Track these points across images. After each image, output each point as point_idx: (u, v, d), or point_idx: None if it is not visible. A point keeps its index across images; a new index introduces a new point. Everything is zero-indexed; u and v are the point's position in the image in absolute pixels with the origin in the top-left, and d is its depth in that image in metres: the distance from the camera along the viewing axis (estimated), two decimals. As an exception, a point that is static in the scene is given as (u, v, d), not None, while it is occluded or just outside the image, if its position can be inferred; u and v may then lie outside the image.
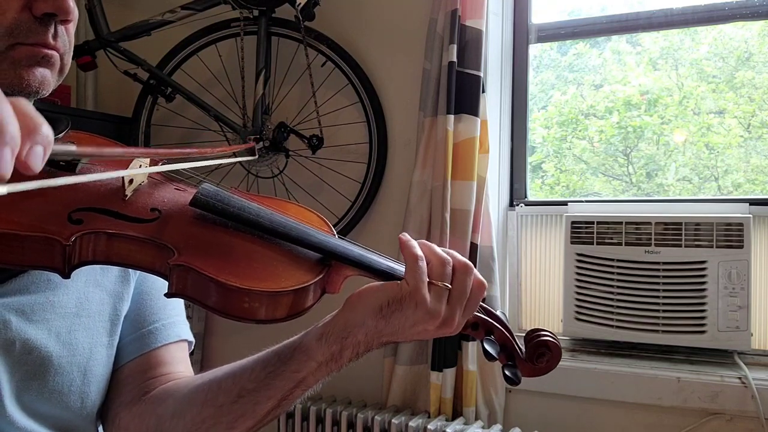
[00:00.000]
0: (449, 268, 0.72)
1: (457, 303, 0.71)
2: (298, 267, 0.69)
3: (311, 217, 0.78)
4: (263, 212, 0.72)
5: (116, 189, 0.71)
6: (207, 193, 0.72)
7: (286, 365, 0.73)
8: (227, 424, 0.76)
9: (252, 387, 0.75)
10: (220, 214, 0.71)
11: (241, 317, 0.65)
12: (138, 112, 2.28)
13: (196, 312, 2.37)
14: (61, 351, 0.76)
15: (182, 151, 0.71)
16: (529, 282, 2.12)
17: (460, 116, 1.91)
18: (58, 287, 0.77)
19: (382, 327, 0.70)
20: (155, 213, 0.70)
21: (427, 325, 0.70)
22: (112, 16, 2.25)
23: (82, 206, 0.67)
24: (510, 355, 0.78)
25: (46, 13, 0.70)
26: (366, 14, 2.20)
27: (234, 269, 0.66)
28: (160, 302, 0.89)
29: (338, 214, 2.13)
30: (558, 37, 2.20)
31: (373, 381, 2.03)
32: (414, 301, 0.69)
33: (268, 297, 0.65)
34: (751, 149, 2.03)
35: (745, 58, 2.06)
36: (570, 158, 2.26)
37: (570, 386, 1.86)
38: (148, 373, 0.85)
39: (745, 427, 1.70)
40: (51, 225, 0.63)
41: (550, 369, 0.77)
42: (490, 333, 0.77)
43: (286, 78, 2.23)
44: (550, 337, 0.77)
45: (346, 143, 2.18)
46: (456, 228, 1.88)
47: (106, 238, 0.66)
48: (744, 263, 1.75)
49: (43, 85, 0.73)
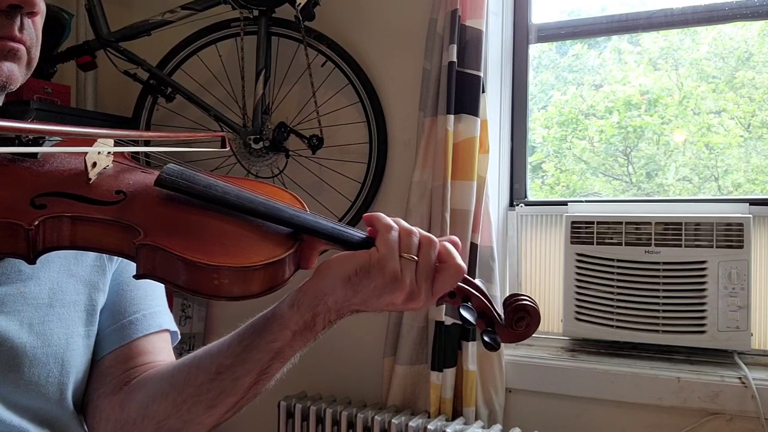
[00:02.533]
0: (416, 239, 0.72)
1: (422, 275, 0.71)
2: (268, 242, 0.69)
3: (283, 194, 0.77)
4: (231, 189, 0.72)
5: (79, 172, 0.71)
6: (172, 172, 0.71)
7: (262, 336, 0.73)
8: (208, 402, 0.76)
9: (229, 362, 0.75)
10: (186, 193, 0.70)
11: (212, 295, 0.65)
12: (138, 112, 2.28)
13: (196, 312, 2.38)
14: (35, 342, 0.76)
15: (143, 133, 0.70)
16: (529, 282, 2.12)
17: (460, 116, 1.91)
18: (30, 278, 0.77)
19: (350, 295, 0.71)
20: (120, 195, 0.70)
21: (394, 296, 0.70)
22: (112, 16, 2.25)
23: (46, 191, 0.67)
24: (489, 321, 0.77)
25: (11, 5, 0.69)
26: (366, 14, 2.20)
27: (202, 247, 0.65)
28: (140, 292, 0.89)
29: (338, 214, 2.13)
30: (558, 37, 2.20)
31: (373, 381, 2.03)
32: (382, 270, 0.69)
33: (237, 273, 0.65)
34: (751, 149, 2.03)
35: (745, 58, 2.06)
36: (570, 158, 2.26)
37: (570, 386, 1.86)
38: (129, 363, 0.84)
39: (745, 427, 1.70)
40: (13, 210, 0.63)
41: (529, 334, 0.77)
42: (467, 300, 0.76)
43: (286, 78, 2.23)
44: (529, 301, 0.76)
45: (346, 143, 2.18)
46: (456, 228, 1.88)
47: (70, 222, 0.65)
48: (744, 263, 1.75)
49: (10, 80, 0.72)
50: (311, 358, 0.96)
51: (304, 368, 1.96)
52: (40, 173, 0.70)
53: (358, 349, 2.10)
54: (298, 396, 2.02)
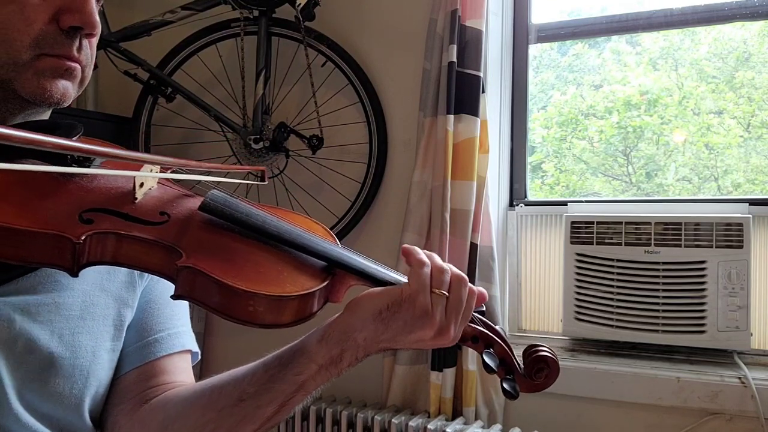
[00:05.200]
0: (447, 276, 0.73)
1: (453, 312, 0.72)
2: (303, 273, 0.70)
3: (316, 227, 0.79)
4: (270, 219, 0.74)
5: (126, 192, 0.72)
6: (216, 198, 0.73)
7: (287, 368, 0.74)
8: (228, 429, 0.76)
9: (253, 390, 0.75)
10: (228, 219, 0.72)
11: (246, 321, 0.66)
12: (138, 112, 2.28)
13: (196, 312, 2.38)
14: (63, 352, 0.76)
15: (191, 162, 0.72)
16: (529, 282, 2.13)
17: (460, 116, 1.91)
18: (65, 289, 0.77)
19: (381, 331, 0.71)
20: (164, 216, 0.71)
21: (424, 332, 0.71)
22: (112, 16, 2.25)
23: (93, 207, 0.68)
24: (509, 370, 0.79)
25: (72, 26, 0.72)
26: (366, 14, 2.20)
27: (240, 273, 0.67)
28: (167, 311, 0.90)
29: (338, 214, 2.13)
30: (558, 38, 2.20)
31: (373, 381, 2.03)
32: (413, 304, 0.71)
33: (272, 301, 0.66)
34: (750, 149, 2.04)
35: (744, 58, 2.06)
36: (570, 158, 2.26)
37: (570, 386, 1.86)
38: (149, 382, 0.85)
39: (745, 427, 1.70)
40: (63, 223, 0.64)
41: (548, 385, 0.78)
42: (489, 346, 0.78)
43: (286, 78, 2.23)
44: (549, 353, 0.78)
45: (346, 143, 2.18)
46: (456, 228, 1.88)
47: (115, 239, 0.67)
48: (744, 263, 1.75)
49: (64, 97, 0.74)
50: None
51: (304, 368, 1.91)
52: (89, 189, 0.71)
53: (358, 349, 2.09)
54: (298, 396, 2.02)
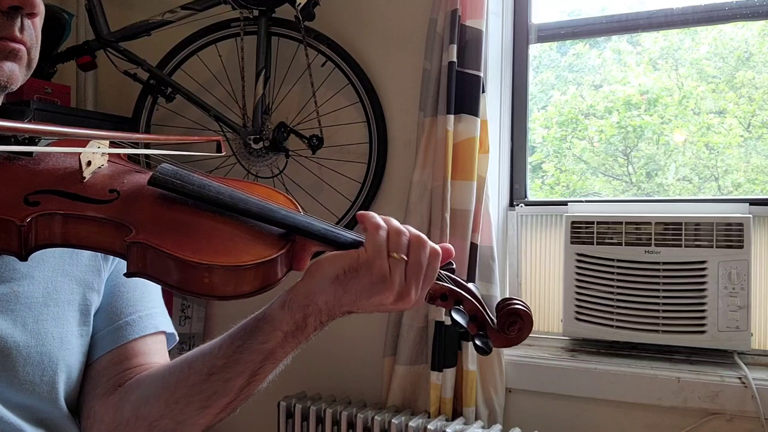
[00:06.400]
0: (405, 239, 0.72)
1: (413, 275, 0.71)
2: (260, 242, 0.69)
3: (277, 196, 0.78)
4: (224, 189, 0.72)
5: (74, 171, 0.71)
6: (165, 171, 0.71)
7: (253, 338, 0.73)
8: (200, 403, 0.76)
9: (222, 363, 0.75)
10: (179, 192, 0.70)
11: (205, 294, 0.65)
12: (138, 112, 2.28)
13: (196, 312, 2.38)
14: (29, 341, 0.76)
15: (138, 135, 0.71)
16: (529, 282, 2.12)
17: (460, 116, 1.91)
18: (24, 278, 0.77)
19: (340, 295, 0.71)
20: (113, 194, 0.70)
21: (384, 296, 0.70)
22: (112, 16, 2.25)
23: (40, 189, 0.67)
24: (481, 325, 0.77)
25: (11, 6, 0.70)
26: (366, 14, 2.20)
27: (193, 245, 0.65)
28: (137, 294, 0.89)
29: (338, 214, 2.13)
30: (558, 37, 2.20)
31: (373, 381, 2.03)
32: (369, 269, 0.70)
33: (228, 271, 0.65)
34: (751, 149, 2.04)
35: (745, 58, 2.06)
36: (570, 158, 2.26)
37: (570, 386, 1.86)
38: (123, 365, 0.84)
39: (745, 427, 1.70)
40: (7, 207, 0.64)
41: (522, 338, 0.76)
42: (459, 303, 0.76)
43: (286, 78, 2.23)
44: (522, 306, 0.76)
45: (346, 143, 2.18)
46: (456, 228, 1.88)
47: (62, 219, 0.66)
48: (744, 263, 1.75)
49: (11, 80, 0.73)
50: (311, 358, 0.96)
51: (304, 368, 1.96)
52: (35, 171, 0.70)
53: (358, 349, 2.10)
54: (297, 396, 2.02)
